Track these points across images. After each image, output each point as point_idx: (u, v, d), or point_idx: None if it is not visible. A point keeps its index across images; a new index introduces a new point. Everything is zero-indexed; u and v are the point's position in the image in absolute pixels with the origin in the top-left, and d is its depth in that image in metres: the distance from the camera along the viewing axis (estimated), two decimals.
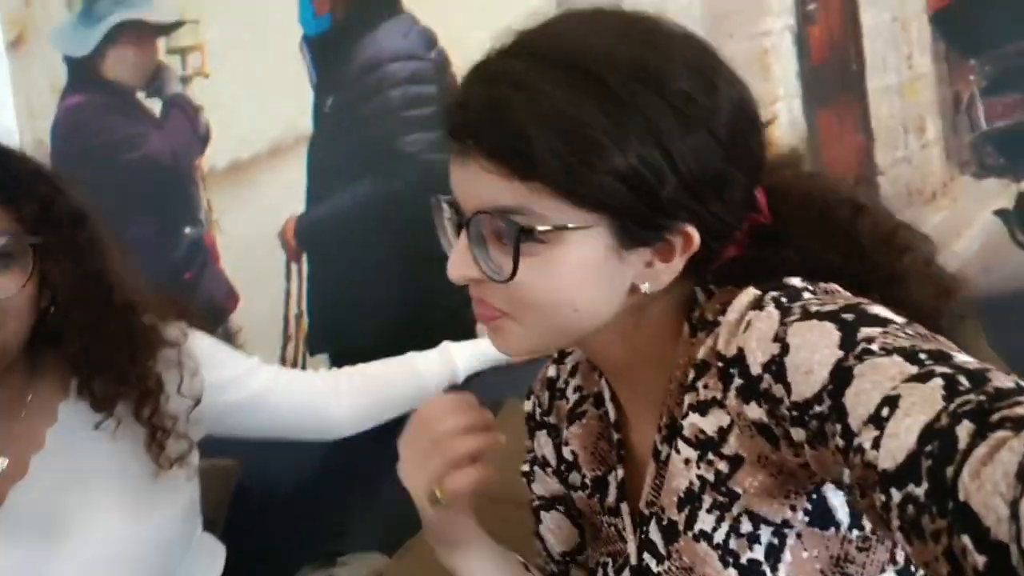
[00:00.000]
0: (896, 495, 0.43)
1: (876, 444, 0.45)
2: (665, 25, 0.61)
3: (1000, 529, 0.38)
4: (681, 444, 0.63)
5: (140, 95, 1.66)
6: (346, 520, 1.44)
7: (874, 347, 0.48)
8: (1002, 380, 0.44)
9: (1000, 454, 0.39)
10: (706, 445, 0.61)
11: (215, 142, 1.63)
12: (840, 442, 0.48)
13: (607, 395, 0.72)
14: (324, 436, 1.28)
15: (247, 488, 1.44)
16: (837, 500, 0.58)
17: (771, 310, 0.55)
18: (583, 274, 0.59)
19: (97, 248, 1.02)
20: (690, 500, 0.62)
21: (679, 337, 0.64)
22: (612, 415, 0.72)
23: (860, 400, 0.47)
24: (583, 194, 0.57)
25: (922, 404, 0.44)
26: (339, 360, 1.56)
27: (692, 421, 0.62)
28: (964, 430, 0.41)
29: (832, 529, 0.58)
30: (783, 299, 0.56)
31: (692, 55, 0.59)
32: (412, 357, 1.35)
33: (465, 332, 1.53)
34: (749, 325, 0.56)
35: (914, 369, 0.46)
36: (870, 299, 0.55)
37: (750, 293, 0.58)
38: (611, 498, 0.71)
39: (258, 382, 1.19)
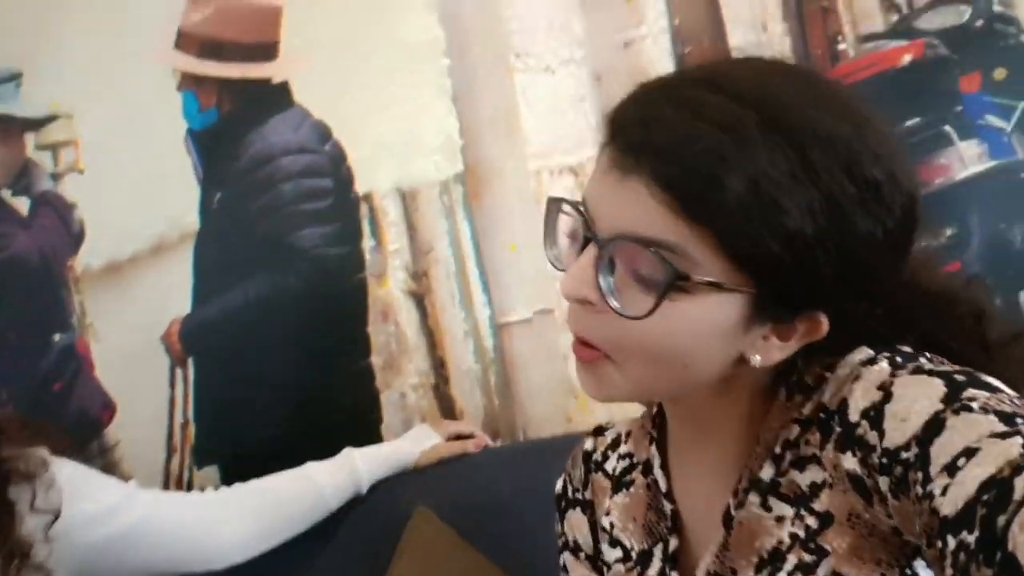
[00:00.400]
0: (951, 542, 0.44)
1: (944, 491, 0.46)
2: (864, 104, 0.59)
3: None
4: (775, 501, 0.61)
5: (5, 193, 1.55)
6: None
7: (974, 406, 0.49)
8: None
9: None
10: (799, 500, 0.60)
11: (90, 241, 1.53)
12: (919, 490, 0.48)
13: (656, 463, 0.69)
14: (214, 566, 1.15)
15: None
16: None
17: (883, 365, 0.56)
18: (707, 334, 0.57)
19: None
20: (773, 560, 0.61)
21: (771, 399, 0.63)
22: (663, 484, 0.68)
23: (944, 450, 0.48)
24: (748, 254, 0.54)
25: (995, 458, 0.45)
26: (230, 472, 1.44)
27: (791, 478, 0.61)
28: (1022, 482, 0.42)
29: None
30: (897, 358, 0.56)
31: (886, 144, 0.58)
32: (310, 468, 1.25)
33: (368, 435, 1.45)
34: (858, 379, 0.56)
35: (1003, 428, 0.47)
36: None
37: (864, 351, 0.58)
38: (654, 570, 0.68)
39: (135, 511, 1.06)
